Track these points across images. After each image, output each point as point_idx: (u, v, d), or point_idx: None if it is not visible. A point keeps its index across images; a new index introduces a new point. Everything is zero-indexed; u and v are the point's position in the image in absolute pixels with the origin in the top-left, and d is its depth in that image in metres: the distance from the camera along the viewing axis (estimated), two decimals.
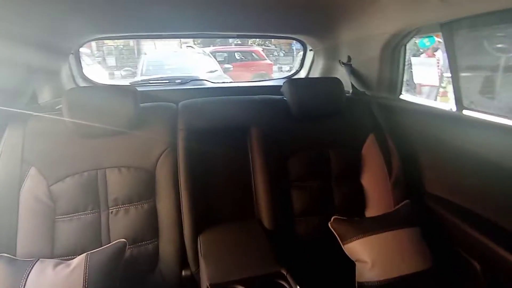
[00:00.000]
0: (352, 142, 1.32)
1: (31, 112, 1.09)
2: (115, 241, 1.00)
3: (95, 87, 1.46)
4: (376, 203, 1.28)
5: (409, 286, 1.05)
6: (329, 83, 1.35)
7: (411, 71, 1.54)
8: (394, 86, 1.44)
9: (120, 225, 1.08)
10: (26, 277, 0.88)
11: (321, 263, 1.19)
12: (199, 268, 1.07)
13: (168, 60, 4.61)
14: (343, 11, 1.27)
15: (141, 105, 1.18)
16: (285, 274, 0.88)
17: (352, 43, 1.50)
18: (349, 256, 1.13)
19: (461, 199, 1.17)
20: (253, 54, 7.89)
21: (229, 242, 1.07)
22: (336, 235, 1.16)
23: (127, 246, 1.02)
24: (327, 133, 1.31)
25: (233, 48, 8.08)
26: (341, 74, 1.58)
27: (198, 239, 1.09)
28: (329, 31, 1.49)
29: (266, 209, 1.18)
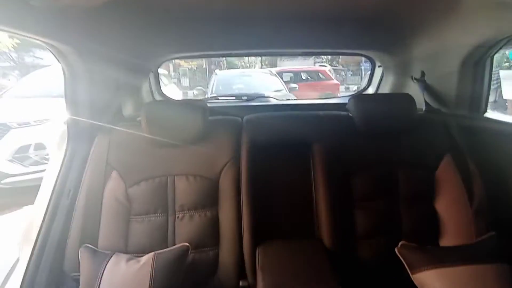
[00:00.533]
0: (424, 162, 1.21)
1: (115, 127, 1.24)
2: (180, 244, 1.07)
3: (170, 101, 1.60)
4: (453, 232, 1.14)
5: None
6: (399, 99, 1.28)
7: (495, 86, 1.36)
8: (477, 103, 1.30)
9: (185, 229, 1.15)
10: (104, 267, 0.99)
11: None
12: (256, 281, 1.07)
13: (236, 80, 4.88)
14: (416, 23, 1.21)
15: (209, 118, 1.26)
16: None
17: (426, 57, 1.40)
18: (418, 286, 1.02)
19: None
20: (319, 74, 7.87)
21: (287, 257, 1.06)
22: (404, 263, 1.06)
23: (190, 250, 1.07)
24: (396, 151, 1.23)
25: (299, 68, 8.18)
26: (413, 91, 1.47)
27: (257, 251, 1.09)
28: (401, 45, 1.43)
29: (327, 228, 1.14)
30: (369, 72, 1.87)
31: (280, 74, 6.26)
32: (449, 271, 0.98)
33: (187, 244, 1.06)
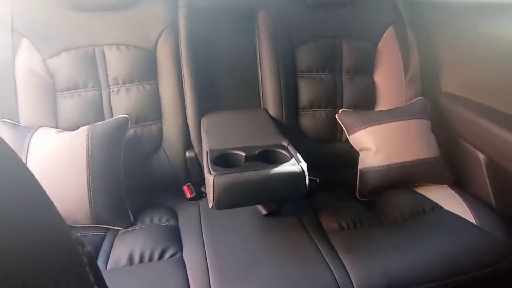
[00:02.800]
0: (368, 34, 1.22)
1: None
2: (118, 116, 1.01)
3: None
4: (388, 99, 1.21)
5: (409, 171, 1.04)
6: None
7: None
8: None
9: (122, 103, 1.07)
10: (30, 138, 0.90)
11: (324, 153, 1.19)
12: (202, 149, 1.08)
13: None
14: None
15: None
16: (286, 145, 0.87)
17: None
18: (354, 146, 1.11)
19: (477, 95, 1.10)
20: None
21: (233, 122, 1.06)
22: (343, 126, 1.13)
23: (131, 124, 1.03)
24: (341, 23, 1.21)
25: None
26: None
27: (201, 121, 1.08)
28: None
29: (272, 98, 1.14)
30: None
31: None
32: (379, 128, 1.07)
33: (125, 115, 1.00)
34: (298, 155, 0.82)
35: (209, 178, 0.71)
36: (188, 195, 1.10)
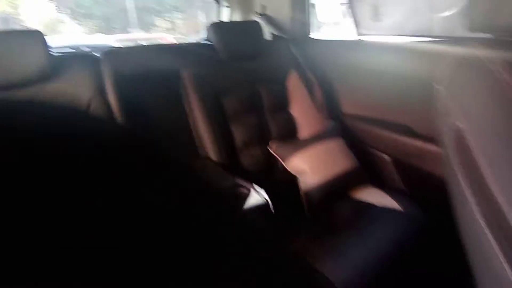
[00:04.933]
0: (278, 79, 1.46)
1: None
2: None
3: None
4: (306, 127, 1.44)
5: (342, 180, 1.25)
6: (249, 25, 1.45)
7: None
8: (304, 27, 1.62)
9: None
10: None
11: (266, 186, 1.31)
12: None
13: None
14: None
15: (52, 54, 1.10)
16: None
17: None
18: (291, 171, 1.27)
19: (370, 111, 1.41)
20: (160, 42, 7.55)
21: None
22: (278, 157, 1.29)
23: None
24: (255, 72, 1.42)
25: (139, 36, 7.61)
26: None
27: None
28: None
29: (211, 144, 1.23)
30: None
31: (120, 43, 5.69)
32: (309, 151, 1.26)
33: None
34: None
35: None
36: None
